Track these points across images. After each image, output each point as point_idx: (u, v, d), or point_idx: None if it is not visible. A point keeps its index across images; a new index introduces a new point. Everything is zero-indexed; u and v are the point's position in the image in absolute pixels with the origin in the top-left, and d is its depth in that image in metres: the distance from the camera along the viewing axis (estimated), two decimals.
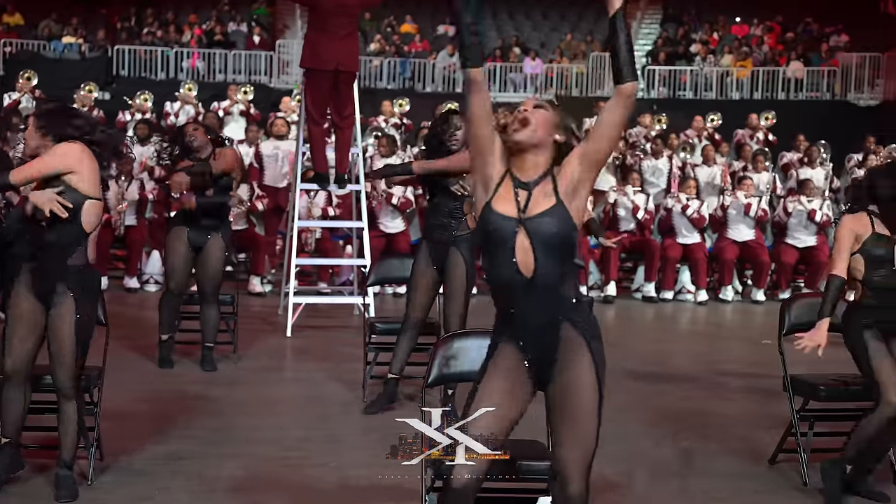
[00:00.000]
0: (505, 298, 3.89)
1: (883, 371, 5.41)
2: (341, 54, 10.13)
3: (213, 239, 8.34)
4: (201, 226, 8.35)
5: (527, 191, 3.82)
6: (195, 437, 6.56)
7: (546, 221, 3.75)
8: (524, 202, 3.79)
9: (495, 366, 3.89)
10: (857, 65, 26.02)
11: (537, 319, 3.82)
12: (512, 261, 3.79)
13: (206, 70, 25.05)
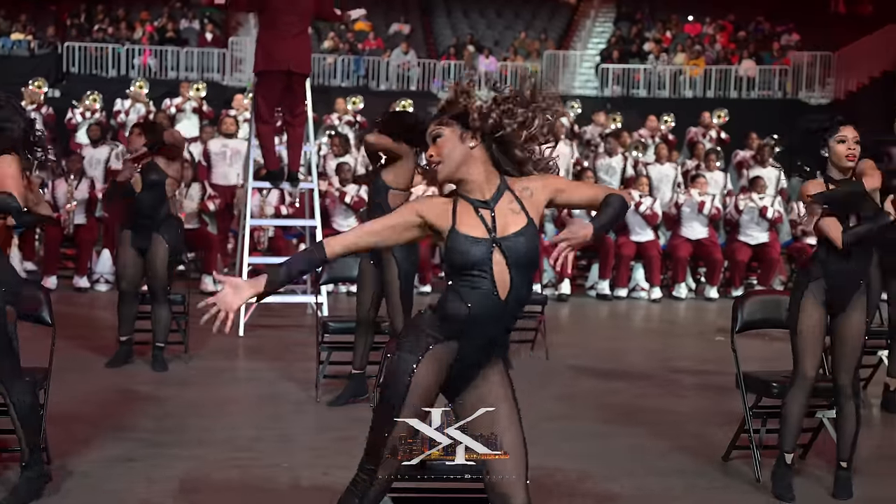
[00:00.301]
0: (468, 316, 3.67)
1: (807, 340, 5.55)
2: (293, 55, 10.06)
3: (155, 239, 8.25)
4: (141, 227, 8.29)
5: (489, 210, 3.67)
6: (145, 439, 6.47)
7: (521, 241, 3.62)
8: (491, 222, 3.65)
9: (432, 361, 3.70)
10: (808, 63, 26.24)
11: (491, 335, 3.73)
12: (489, 282, 3.64)
13: (157, 67, 24.82)
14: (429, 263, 12.95)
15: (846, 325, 5.58)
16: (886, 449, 6.91)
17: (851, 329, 5.57)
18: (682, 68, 26.38)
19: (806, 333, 5.56)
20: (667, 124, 17.89)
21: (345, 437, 6.61)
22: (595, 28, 29.40)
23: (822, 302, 5.57)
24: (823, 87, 26.18)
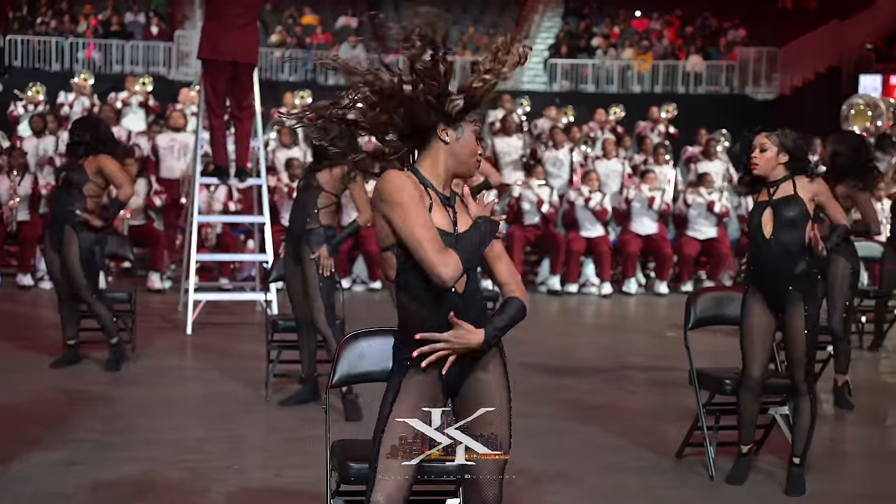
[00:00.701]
0: (430, 314, 3.56)
1: (753, 341, 5.68)
2: (239, 45, 9.94)
3: (65, 238, 8.08)
4: (53, 227, 8.20)
5: (451, 207, 3.60)
6: (92, 440, 6.34)
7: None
8: (453, 217, 3.58)
9: (409, 386, 3.60)
10: (754, 59, 26.43)
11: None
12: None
13: (102, 61, 24.51)
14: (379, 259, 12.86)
15: (788, 322, 5.64)
16: (838, 444, 6.94)
17: (793, 327, 5.63)
18: (630, 63, 26.47)
19: (749, 332, 5.70)
20: (616, 115, 17.91)
21: (296, 438, 6.54)
22: (543, 23, 29.42)
23: (765, 300, 5.64)
24: (769, 82, 26.39)
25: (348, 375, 4.47)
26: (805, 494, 5.65)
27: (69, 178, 8.08)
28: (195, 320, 9.90)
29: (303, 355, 7.36)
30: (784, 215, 5.57)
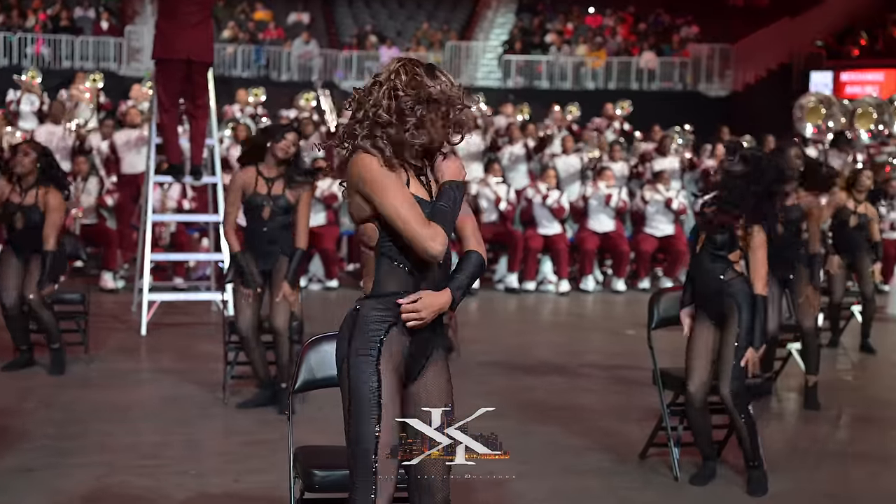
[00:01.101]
0: (415, 282, 3.53)
1: (693, 357, 5.74)
2: (193, 43, 9.79)
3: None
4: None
5: (426, 178, 3.58)
6: (46, 447, 6.20)
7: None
8: (428, 187, 3.57)
9: (389, 364, 3.51)
10: (707, 56, 26.56)
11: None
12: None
13: (51, 56, 24.18)
14: (335, 257, 12.76)
15: (721, 338, 5.71)
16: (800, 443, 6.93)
17: (724, 342, 5.69)
18: (584, 60, 26.51)
19: (689, 348, 5.79)
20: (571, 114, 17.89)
21: (254, 442, 6.44)
22: (497, 19, 29.40)
23: (706, 314, 5.75)
24: (722, 79, 26.53)
25: (311, 380, 4.39)
26: (767, 494, 5.63)
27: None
28: (150, 321, 9.75)
29: (254, 360, 7.24)
30: (714, 238, 5.70)
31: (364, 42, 27.07)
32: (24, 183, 7.96)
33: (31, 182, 7.95)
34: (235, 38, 25.95)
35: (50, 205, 7.89)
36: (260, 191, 7.08)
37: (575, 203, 13.27)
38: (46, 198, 7.91)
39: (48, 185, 7.97)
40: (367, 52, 26.59)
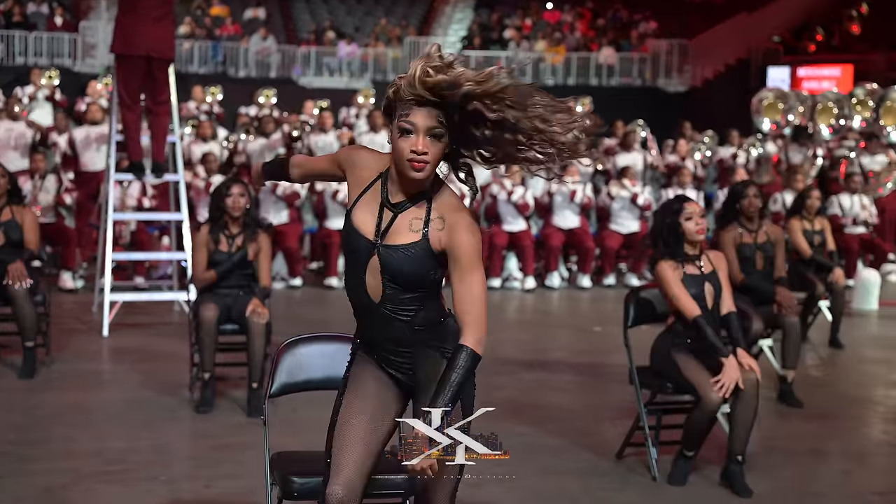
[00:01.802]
0: (357, 313, 3.56)
1: (696, 376, 5.65)
2: (153, 39, 9.62)
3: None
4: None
5: (392, 213, 3.37)
6: (7, 453, 6.03)
7: (400, 257, 3.34)
8: (386, 225, 3.37)
9: (358, 376, 3.57)
10: (665, 51, 26.63)
11: (386, 343, 3.52)
12: (362, 281, 3.43)
13: (4, 53, 23.83)
14: (298, 255, 12.62)
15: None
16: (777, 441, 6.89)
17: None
18: (543, 56, 26.49)
19: (691, 374, 5.72)
20: None
21: (223, 446, 6.31)
22: (455, 14, 29.35)
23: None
24: (681, 74, 26.61)
25: (288, 384, 4.28)
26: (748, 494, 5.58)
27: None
28: (111, 321, 9.57)
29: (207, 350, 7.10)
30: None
31: (322, 38, 26.90)
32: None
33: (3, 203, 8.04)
34: (192, 34, 25.70)
35: (27, 221, 8.05)
36: (221, 248, 7.18)
37: (540, 199, 13.20)
38: (22, 213, 8.07)
39: (19, 202, 8.12)
40: (325, 48, 26.43)
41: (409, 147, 3.24)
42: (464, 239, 3.30)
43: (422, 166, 3.26)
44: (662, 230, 5.87)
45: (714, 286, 5.80)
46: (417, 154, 3.25)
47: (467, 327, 3.32)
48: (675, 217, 5.81)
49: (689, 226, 5.78)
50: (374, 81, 25.56)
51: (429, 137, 3.26)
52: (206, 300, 7.09)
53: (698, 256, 5.84)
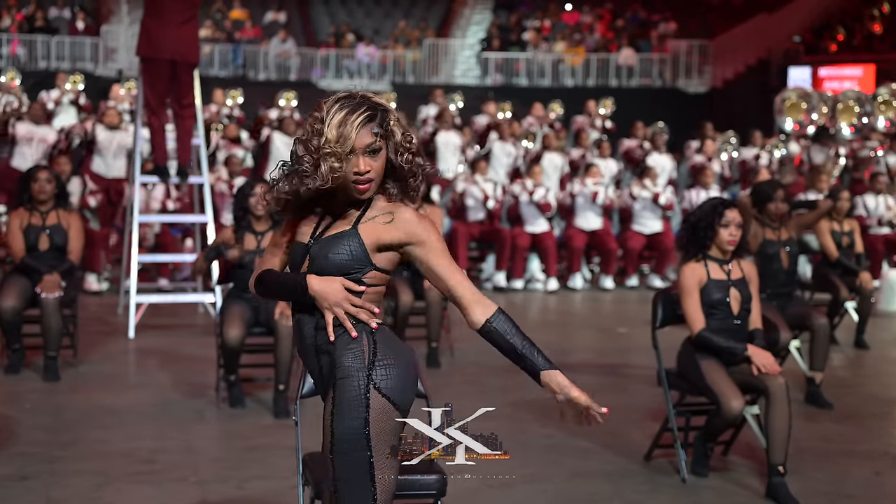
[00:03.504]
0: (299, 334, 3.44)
1: (718, 383, 5.64)
2: (178, 43, 9.65)
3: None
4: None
5: (332, 218, 3.33)
6: (39, 455, 6.06)
7: (326, 246, 3.27)
8: (323, 227, 3.32)
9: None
10: (685, 52, 26.56)
11: (310, 344, 3.38)
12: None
13: (27, 57, 23.95)
14: None
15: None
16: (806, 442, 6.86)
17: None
18: (563, 57, 26.46)
19: (713, 369, 5.75)
20: (555, 112, 17.85)
21: (253, 447, 6.32)
22: (474, 16, 29.33)
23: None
24: (701, 75, 26.54)
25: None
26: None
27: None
28: (137, 323, 9.60)
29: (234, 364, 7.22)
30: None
31: (341, 40, 26.94)
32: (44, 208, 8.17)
33: (51, 207, 8.19)
34: (212, 38, 25.77)
35: (73, 227, 8.21)
36: (249, 247, 7.23)
37: (562, 200, 13.20)
38: (69, 219, 8.23)
39: (66, 207, 8.30)
40: (344, 51, 26.46)
41: (351, 170, 3.22)
42: (426, 224, 3.28)
43: (367, 187, 3.24)
44: (696, 228, 5.85)
45: (742, 293, 5.79)
46: (361, 175, 3.22)
47: (476, 304, 3.30)
48: (713, 219, 5.78)
49: (724, 233, 5.75)
50: (394, 83, 25.58)
51: (367, 156, 3.22)
52: (233, 312, 7.09)
53: (727, 261, 5.83)
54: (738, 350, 5.64)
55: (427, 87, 21.85)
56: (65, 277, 8.02)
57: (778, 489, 5.51)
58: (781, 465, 5.53)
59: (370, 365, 3.26)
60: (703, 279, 5.78)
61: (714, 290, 5.76)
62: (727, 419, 5.64)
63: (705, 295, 5.77)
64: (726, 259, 5.84)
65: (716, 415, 5.69)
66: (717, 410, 5.65)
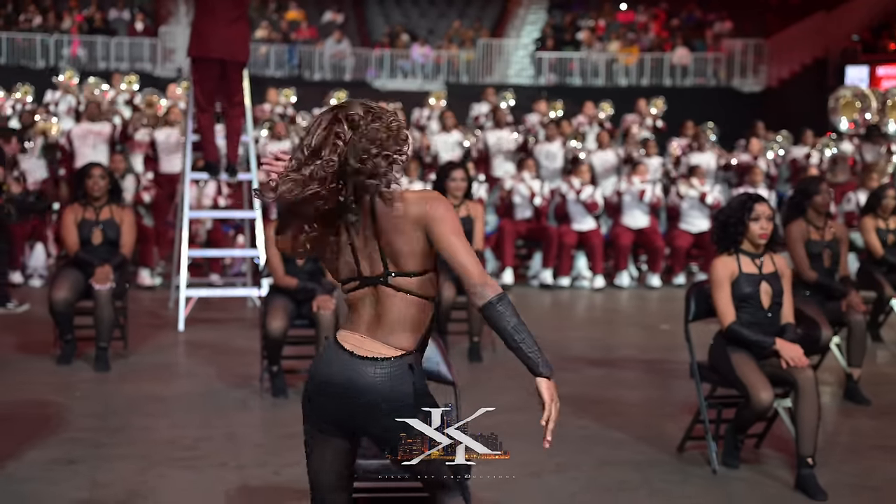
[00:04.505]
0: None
1: (748, 375, 5.72)
2: (229, 43, 9.84)
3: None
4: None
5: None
6: (87, 440, 6.27)
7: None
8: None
9: None
10: (740, 51, 26.43)
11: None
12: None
13: (87, 58, 24.39)
14: None
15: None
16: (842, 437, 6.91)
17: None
18: (617, 56, 26.45)
19: (742, 361, 5.81)
20: (605, 112, 17.88)
21: (293, 434, 6.43)
22: (529, 16, 29.38)
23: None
24: (756, 74, 26.39)
25: None
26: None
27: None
28: (187, 317, 9.82)
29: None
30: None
31: (396, 41, 27.12)
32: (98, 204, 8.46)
33: (104, 202, 8.47)
34: (268, 39, 26.07)
35: (126, 222, 8.50)
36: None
37: (609, 199, 13.25)
38: (122, 214, 8.53)
39: (119, 202, 8.62)
40: (399, 51, 26.64)
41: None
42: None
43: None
44: (727, 224, 5.93)
45: (773, 287, 5.85)
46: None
47: (481, 286, 3.40)
48: (743, 214, 5.87)
49: (755, 227, 5.84)
50: (448, 83, 25.72)
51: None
52: (276, 304, 7.28)
53: (759, 255, 5.90)
54: (766, 343, 5.71)
55: (480, 87, 21.94)
56: (116, 270, 8.24)
57: (806, 480, 5.56)
58: (810, 456, 5.58)
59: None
60: (734, 273, 5.85)
61: (745, 283, 5.83)
62: (757, 411, 5.71)
63: (736, 288, 5.83)
64: (758, 253, 5.90)
65: (745, 406, 5.76)
66: (747, 402, 5.72)
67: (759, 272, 5.86)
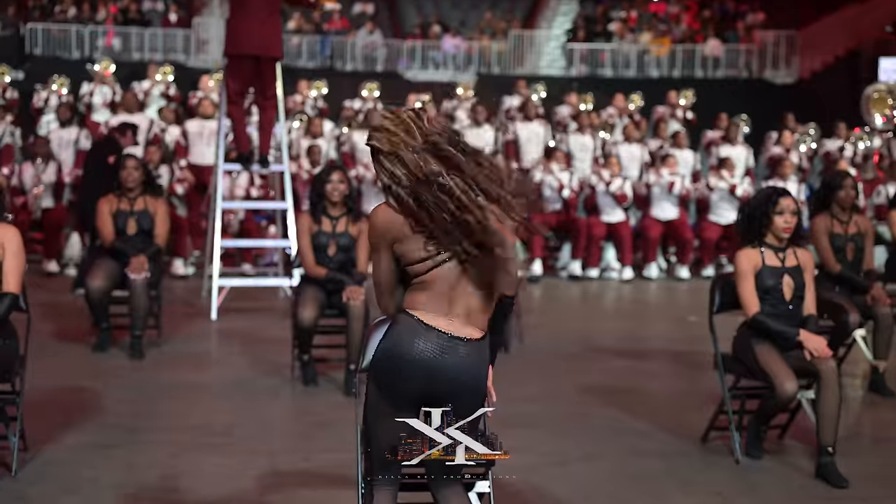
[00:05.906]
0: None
1: (771, 365, 5.79)
2: (261, 39, 9.93)
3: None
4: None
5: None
6: (122, 425, 6.42)
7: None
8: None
9: None
10: (773, 43, 26.32)
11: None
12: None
13: (121, 48, 24.60)
14: None
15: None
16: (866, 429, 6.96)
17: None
18: (648, 48, 26.41)
19: (767, 352, 5.87)
20: (634, 104, 17.89)
21: (324, 422, 6.60)
22: (560, 7, 29.35)
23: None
24: (789, 66, 26.28)
25: None
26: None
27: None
28: (219, 306, 9.97)
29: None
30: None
31: (427, 32, 27.18)
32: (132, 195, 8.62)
33: (138, 193, 8.62)
34: (300, 29, 26.19)
35: (160, 213, 8.65)
36: (325, 229, 7.52)
37: (638, 190, 13.30)
38: (156, 205, 8.67)
39: (153, 193, 8.75)
40: (431, 42, 26.71)
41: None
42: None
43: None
44: (751, 216, 5.99)
45: (795, 280, 5.90)
46: None
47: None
48: (768, 207, 5.92)
49: (779, 220, 5.89)
50: (479, 74, 25.75)
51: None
52: (307, 294, 7.40)
53: (783, 249, 5.96)
54: (790, 335, 5.77)
55: (512, 78, 21.98)
56: (151, 260, 8.38)
57: (827, 469, 5.63)
58: (831, 446, 5.65)
59: None
60: (757, 265, 5.91)
61: (767, 276, 5.89)
62: (780, 401, 5.77)
63: (759, 280, 5.90)
64: (782, 247, 5.96)
65: (769, 397, 5.82)
66: (771, 392, 5.78)
67: (781, 265, 5.92)
